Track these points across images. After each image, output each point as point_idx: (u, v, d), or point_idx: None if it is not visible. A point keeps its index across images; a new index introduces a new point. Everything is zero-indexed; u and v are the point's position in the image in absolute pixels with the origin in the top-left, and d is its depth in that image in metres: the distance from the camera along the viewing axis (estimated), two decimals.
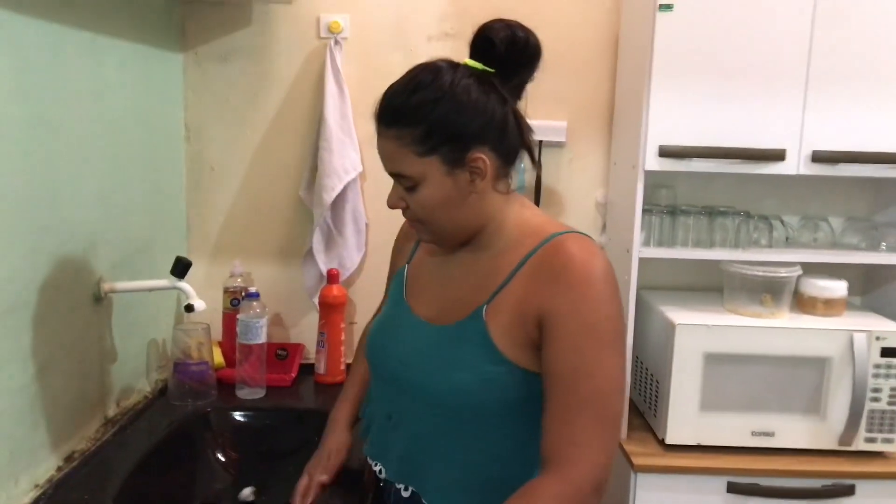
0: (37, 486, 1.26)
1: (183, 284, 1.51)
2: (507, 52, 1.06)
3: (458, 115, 1.02)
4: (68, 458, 1.37)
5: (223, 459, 1.62)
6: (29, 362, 1.24)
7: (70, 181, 1.35)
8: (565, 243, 1.04)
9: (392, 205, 1.11)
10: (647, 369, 1.83)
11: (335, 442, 1.33)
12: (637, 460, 1.67)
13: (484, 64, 1.07)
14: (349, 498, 1.30)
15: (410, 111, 1.02)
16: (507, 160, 1.09)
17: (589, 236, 1.07)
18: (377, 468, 1.19)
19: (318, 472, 1.29)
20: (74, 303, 1.39)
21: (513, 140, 1.08)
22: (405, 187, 1.07)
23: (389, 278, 1.31)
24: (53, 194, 1.29)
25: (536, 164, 1.16)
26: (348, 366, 1.92)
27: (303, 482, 1.27)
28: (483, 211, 1.09)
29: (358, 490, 1.32)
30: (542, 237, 1.06)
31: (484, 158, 1.04)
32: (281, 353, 1.94)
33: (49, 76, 1.27)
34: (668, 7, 1.62)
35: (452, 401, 1.06)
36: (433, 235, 1.12)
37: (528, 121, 1.12)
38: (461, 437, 1.07)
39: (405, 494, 1.14)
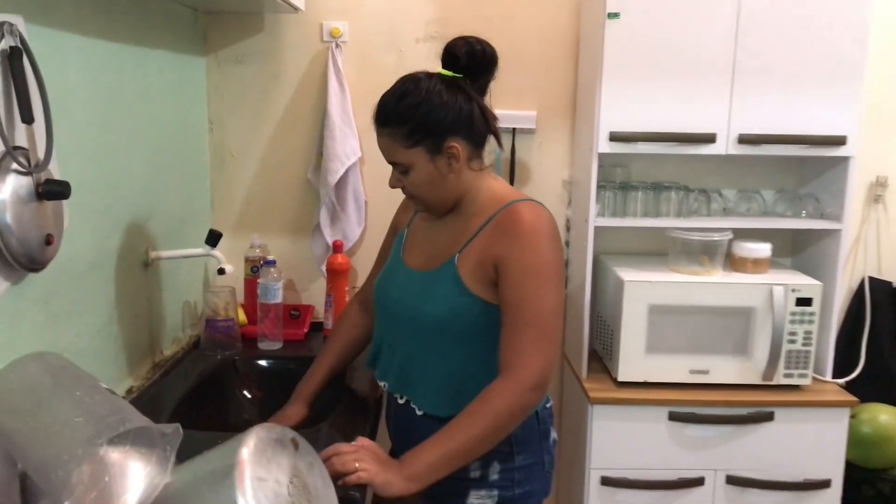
0: None
1: (216, 252, 1.84)
2: (469, 62, 1.39)
3: (434, 114, 1.34)
4: (128, 391, 1.70)
5: (249, 396, 1.96)
6: (101, 312, 1.57)
7: (124, 169, 1.68)
8: (518, 207, 1.38)
9: (392, 185, 1.44)
10: (604, 320, 2.17)
11: (295, 413, 1.59)
12: (593, 394, 2.01)
13: (453, 72, 1.39)
14: (360, 411, 1.65)
15: (397, 115, 1.35)
16: (476, 144, 1.41)
17: (539, 203, 1.40)
18: (383, 384, 1.54)
19: None
20: (129, 267, 1.72)
21: (480, 128, 1.40)
22: (400, 172, 1.40)
23: (386, 240, 1.66)
24: (114, 180, 1.62)
25: (501, 146, 1.49)
26: None
27: None
28: (461, 186, 1.42)
29: (367, 405, 1.67)
30: (503, 203, 1.40)
31: (457, 146, 1.36)
32: (294, 313, 2.27)
33: (111, 83, 1.59)
34: (616, 15, 1.93)
35: (432, 325, 1.40)
36: (424, 206, 1.46)
37: (502, 111, 1.44)
38: (439, 354, 1.41)
39: (401, 402, 1.50)
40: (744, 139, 1.99)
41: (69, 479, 0.90)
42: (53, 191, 1.25)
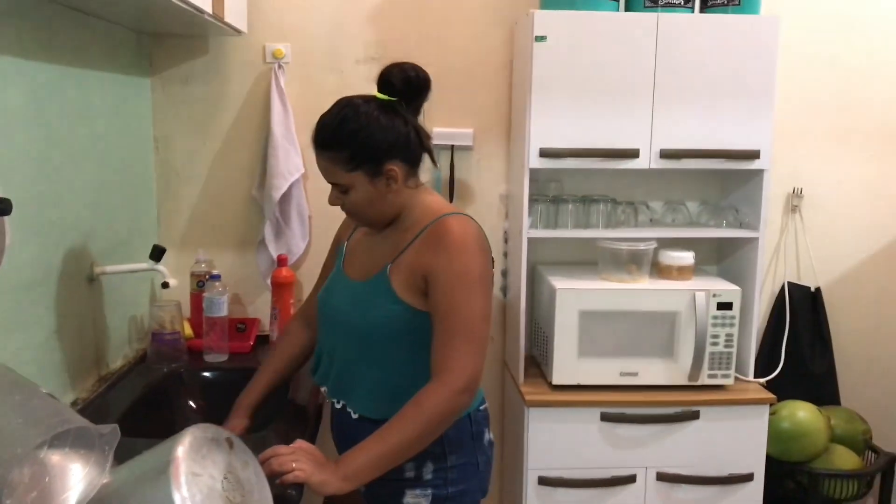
0: None
1: (159, 266, 1.89)
2: (403, 87, 1.45)
3: (373, 140, 1.40)
4: (73, 403, 1.74)
5: (194, 407, 2.01)
6: (45, 324, 1.62)
7: (69, 186, 1.72)
8: (447, 220, 1.45)
9: (332, 202, 1.49)
10: (539, 327, 2.27)
11: (236, 425, 1.61)
12: (529, 397, 2.11)
13: (389, 95, 1.46)
14: (301, 418, 1.72)
15: (338, 140, 1.40)
16: (413, 164, 1.49)
17: (468, 215, 1.48)
18: (323, 390, 1.61)
19: None
20: (73, 282, 1.76)
21: (416, 149, 1.47)
22: (340, 191, 1.45)
23: (329, 254, 1.73)
24: (58, 197, 1.67)
25: (436, 164, 1.56)
26: None
27: None
28: (398, 203, 1.49)
29: (308, 412, 1.74)
30: (435, 216, 1.48)
31: (395, 168, 1.42)
32: (240, 326, 2.32)
33: (53, 104, 1.64)
34: (542, 38, 2.05)
35: (366, 332, 1.48)
36: (364, 222, 1.55)
37: (441, 129, 1.52)
38: (373, 359, 1.49)
39: (338, 407, 1.57)
40: (665, 154, 2.11)
41: (8, 479, 0.95)
42: None
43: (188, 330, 2.23)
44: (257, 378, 1.72)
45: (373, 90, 1.48)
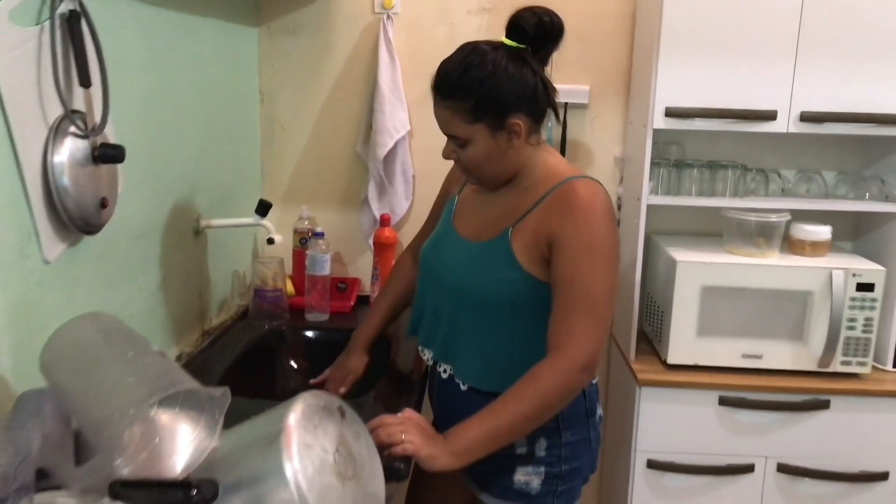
0: None
1: (265, 222, 1.84)
2: (536, 34, 1.33)
3: (499, 90, 1.29)
4: (177, 358, 1.73)
5: (295, 366, 1.97)
6: (152, 277, 1.59)
7: (176, 137, 1.69)
8: (575, 184, 1.34)
9: (446, 156, 1.40)
10: (654, 301, 2.12)
11: (357, 361, 1.65)
12: (642, 376, 1.97)
13: (517, 42, 1.33)
14: (405, 384, 1.65)
15: (461, 88, 1.30)
16: (537, 119, 1.37)
17: (596, 180, 1.36)
18: (425, 354, 1.53)
19: (336, 386, 1.63)
20: (180, 234, 1.73)
21: (542, 103, 1.35)
22: (457, 145, 1.36)
23: (437, 201, 1.65)
24: (166, 148, 1.63)
25: (559, 119, 1.45)
26: None
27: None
28: (518, 161, 1.38)
29: (411, 379, 1.67)
30: (560, 179, 1.36)
31: (519, 123, 1.32)
32: (341, 285, 2.28)
33: (166, 52, 1.60)
34: None
35: (479, 298, 1.38)
36: (478, 180, 1.43)
37: (556, 84, 1.39)
38: (485, 328, 1.39)
39: (444, 377, 1.49)
40: (806, 117, 1.91)
41: (121, 438, 0.91)
42: (109, 154, 1.26)
43: (290, 288, 2.20)
44: (373, 313, 1.71)
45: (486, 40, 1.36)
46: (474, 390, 1.42)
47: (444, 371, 1.49)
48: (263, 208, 1.84)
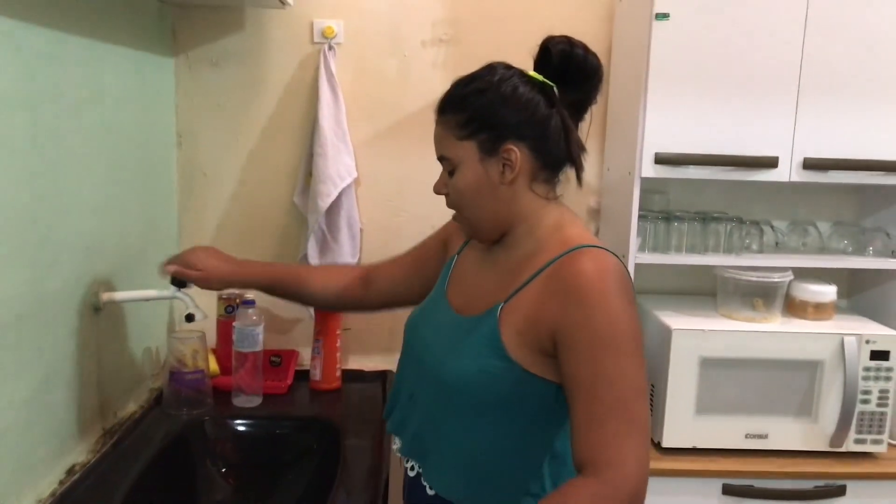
0: (39, 500, 1.24)
1: (182, 295, 1.49)
2: (562, 64, 1.10)
3: (499, 107, 1.09)
4: (70, 471, 1.34)
5: (223, 469, 1.61)
6: (32, 375, 1.22)
7: (70, 190, 1.33)
8: (579, 257, 1.06)
9: (436, 190, 1.18)
10: None
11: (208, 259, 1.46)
12: None
13: (544, 76, 1.11)
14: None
15: (459, 99, 1.12)
16: (546, 163, 1.12)
17: (607, 250, 1.08)
18: (395, 444, 1.24)
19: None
20: (74, 314, 1.37)
21: (555, 146, 1.11)
22: (447, 171, 1.15)
23: (429, 241, 1.40)
24: (55, 204, 1.27)
25: (580, 182, 1.18)
26: (343, 372, 1.93)
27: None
28: (514, 207, 1.13)
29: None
30: (566, 247, 1.08)
31: (516, 151, 1.09)
32: (275, 359, 1.93)
33: (51, 83, 1.25)
34: (665, 16, 1.64)
35: (455, 386, 1.10)
36: (468, 225, 1.18)
37: None
38: (461, 423, 1.11)
39: (411, 475, 1.19)
40: (809, 164, 1.70)
41: None
42: None
43: (213, 365, 1.84)
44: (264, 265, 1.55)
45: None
46: (441, 498, 1.14)
47: (412, 468, 1.19)
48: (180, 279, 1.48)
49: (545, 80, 1.11)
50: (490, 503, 1.11)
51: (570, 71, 1.10)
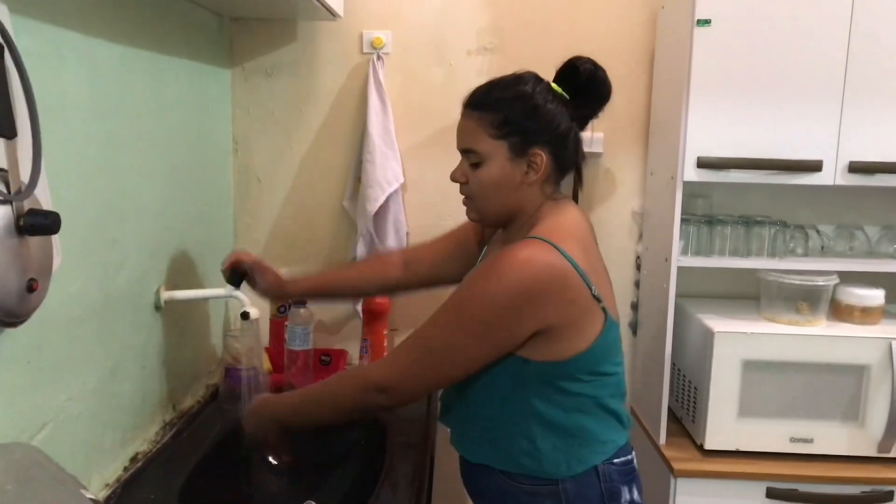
0: (107, 485, 1.32)
1: (238, 293, 1.57)
2: (587, 83, 1.26)
3: (534, 115, 1.22)
4: (133, 459, 1.42)
5: (274, 462, 1.67)
6: (100, 367, 1.30)
7: (135, 195, 1.41)
8: (520, 245, 1.17)
9: (454, 178, 1.29)
10: (684, 376, 1.86)
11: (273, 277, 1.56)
12: (677, 465, 1.71)
13: (563, 89, 1.26)
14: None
15: (497, 101, 1.23)
16: (559, 167, 1.27)
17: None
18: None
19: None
20: (137, 311, 1.45)
21: (569, 153, 1.27)
22: (471, 163, 1.25)
23: (460, 229, 1.53)
24: (120, 208, 1.36)
25: (581, 185, 1.37)
26: None
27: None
28: (523, 202, 1.26)
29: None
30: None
31: (543, 156, 1.22)
32: (325, 358, 1.99)
33: (119, 95, 1.33)
34: (706, 22, 1.66)
35: None
36: (477, 210, 1.30)
37: None
38: (471, 394, 1.28)
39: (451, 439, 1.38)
40: (855, 167, 1.69)
41: None
42: (38, 224, 0.98)
43: (266, 363, 1.91)
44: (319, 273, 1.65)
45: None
46: (466, 460, 1.34)
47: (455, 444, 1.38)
48: (238, 277, 1.55)
49: (563, 93, 1.25)
50: (494, 460, 1.27)
51: (591, 90, 1.25)
